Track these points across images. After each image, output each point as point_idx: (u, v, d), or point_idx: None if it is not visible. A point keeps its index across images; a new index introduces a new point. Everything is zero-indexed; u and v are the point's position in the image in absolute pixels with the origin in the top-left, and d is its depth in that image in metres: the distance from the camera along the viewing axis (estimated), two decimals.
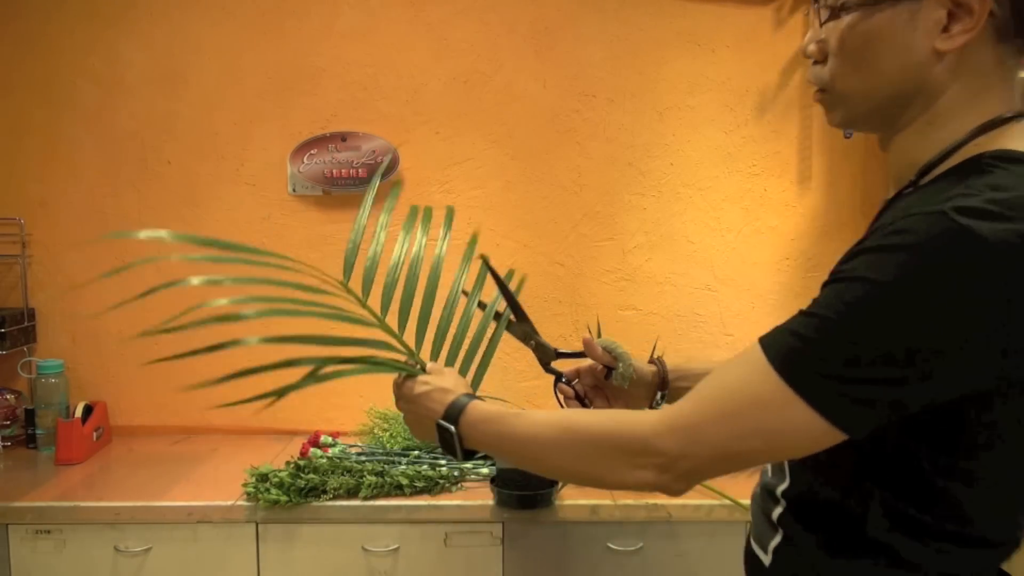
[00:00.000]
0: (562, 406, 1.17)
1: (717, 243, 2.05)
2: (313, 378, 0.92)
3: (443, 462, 1.69)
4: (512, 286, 1.22)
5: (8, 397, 1.93)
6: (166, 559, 1.55)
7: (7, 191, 1.97)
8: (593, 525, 1.58)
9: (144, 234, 1.09)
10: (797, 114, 2.03)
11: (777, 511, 0.82)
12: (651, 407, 1.17)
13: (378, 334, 1.08)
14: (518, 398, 2.00)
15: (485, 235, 2.02)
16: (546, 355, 1.20)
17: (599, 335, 1.17)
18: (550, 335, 1.23)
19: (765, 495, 0.85)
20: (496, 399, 1.06)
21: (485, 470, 1.70)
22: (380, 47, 1.97)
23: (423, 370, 1.05)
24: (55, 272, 1.99)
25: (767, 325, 0.74)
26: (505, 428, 0.90)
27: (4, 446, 1.89)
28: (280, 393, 0.89)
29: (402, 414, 1.06)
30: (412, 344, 1.10)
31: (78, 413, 1.82)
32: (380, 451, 1.76)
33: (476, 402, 0.96)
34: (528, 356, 1.29)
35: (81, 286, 1.18)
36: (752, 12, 2.00)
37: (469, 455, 0.96)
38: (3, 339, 1.84)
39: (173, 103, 1.97)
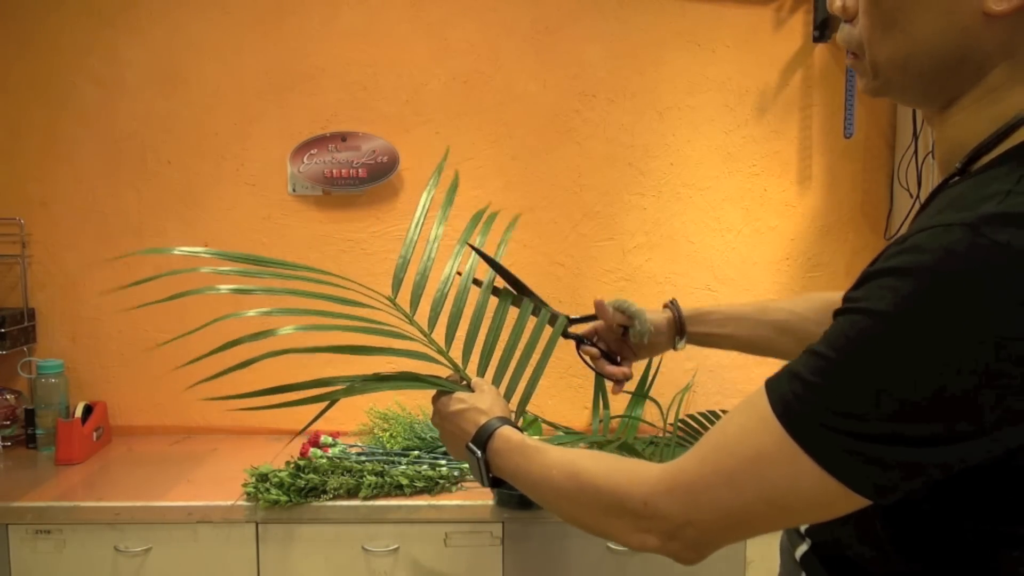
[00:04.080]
0: (591, 367, 1.15)
1: (717, 243, 2.05)
2: (354, 391, 0.92)
3: (443, 462, 1.69)
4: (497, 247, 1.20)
5: (8, 397, 1.93)
6: (166, 559, 1.55)
7: (7, 191, 1.97)
8: None
9: (180, 251, 1.11)
10: (797, 114, 2.03)
11: (801, 549, 0.73)
12: (675, 349, 1.16)
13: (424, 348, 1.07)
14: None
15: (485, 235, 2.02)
16: (559, 323, 1.18)
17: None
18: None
19: (790, 529, 0.76)
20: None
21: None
22: (380, 47, 1.97)
23: (468, 386, 1.01)
24: (55, 272, 1.99)
25: None
26: (524, 463, 0.85)
27: (4, 446, 1.89)
28: (331, 399, 0.89)
29: (437, 431, 1.02)
30: (459, 360, 1.09)
31: (78, 413, 1.82)
32: (380, 451, 1.76)
33: (506, 428, 0.90)
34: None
35: (123, 288, 1.18)
36: (752, 12, 2.00)
37: (496, 484, 0.90)
38: (3, 339, 1.84)
39: (173, 103, 1.97)
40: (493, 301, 1.14)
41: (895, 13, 0.62)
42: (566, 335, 1.17)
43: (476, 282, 1.18)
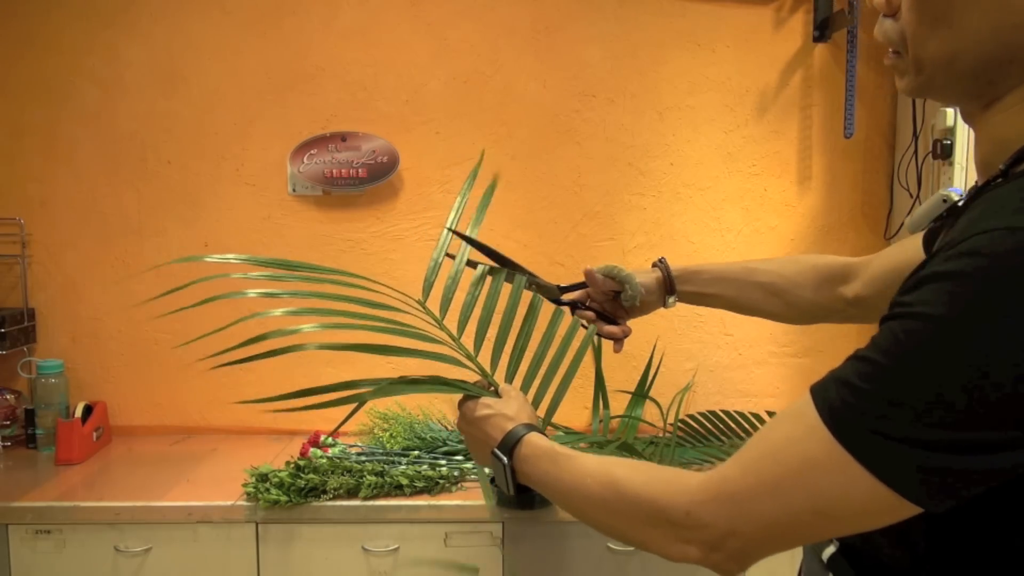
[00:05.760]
0: (585, 327, 1.15)
1: (717, 243, 2.05)
2: (382, 392, 0.92)
3: (443, 462, 1.69)
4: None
5: (8, 397, 1.93)
6: (166, 559, 1.55)
7: (7, 191, 1.97)
8: None
9: (212, 258, 1.11)
10: (797, 114, 2.03)
11: (829, 550, 0.71)
12: (665, 307, 1.17)
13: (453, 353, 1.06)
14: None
15: (485, 235, 2.01)
16: (550, 293, 1.18)
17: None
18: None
19: None
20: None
21: (486, 470, 1.70)
22: (380, 47, 1.97)
23: (496, 392, 1.00)
24: (55, 272, 1.99)
25: (767, 325, 0.73)
26: (554, 471, 0.82)
27: (4, 446, 1.89)
28: (360, 400, 0.89)
29: (463, 436, 1.00)
30: (488, 365, 1.08)
31: (78, 413, 1.82)
32: (380, 451, 1.76)
33: (533, 435, 0.88)
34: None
35: (159, 297, 1.19)
36: (752, 12, 2.00)
37: (522, 491, 0.88)
38: (3, 339, 1.84)
39: (172, 103, 1.97)
40: (523, 307, 1.13)
41: (945, 9, 0.59)
42: (559, 303, 1.18)
43: (471, 263, 1.17)
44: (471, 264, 1.18)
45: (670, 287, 1.15)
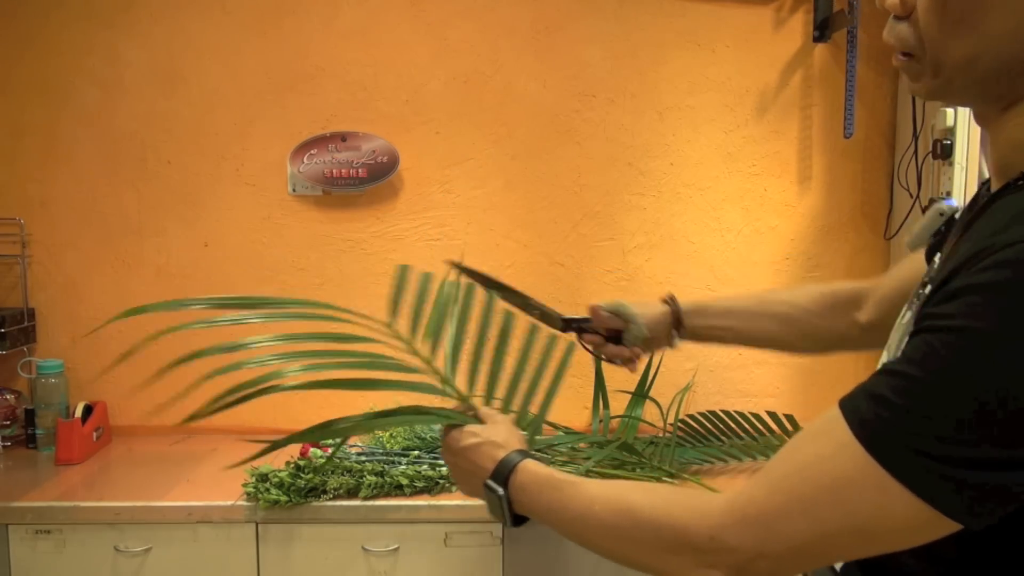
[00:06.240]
0: (592, 352, 1.13)
1: (717, 243, 2.05)
2: (359, 429, 0.89)
3: (443, 462, 1.69)
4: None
5: (8, 397, 1.93)
6: (166, 559, 1.55)
7: (7, 191, 1.97)
8: None
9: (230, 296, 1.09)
10: (797, 114, 2.03)
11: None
12: (671, 347, 1.14)
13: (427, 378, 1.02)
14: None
15: (485, 235, 2.02)
16: (552, 323, 1.16)
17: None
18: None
19: None
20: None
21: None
22: (380, 47, 1.97)
23: (476, 417, 0.95)
24: (55, 272, 1.99)
25: None
26: (557, 498, 0.78)
27: (4, 446, 1.89)
28: (337, 437, 0.86)
29: (448, 467, 0.95)
30: (464, 386, 1.04)
31: (78, 413, 1.82)
32: (380, 451, 1.76)
33: (528, 462, 0.84)
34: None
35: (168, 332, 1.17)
36: (752, 12, 2.00)
37: (519, 521, 0.84)
38: (3, 339, 1.84)
39: (172, 103, 1.97)
40: (496, 320, 1.09)
41: (968, 10, 0.57)
42: (564, 329, 1.16)
43: (487, 282, 1.15)
44: (483, 281, 1.15)
45: (678, 322, 1.12)
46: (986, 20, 0.57)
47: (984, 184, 0.70)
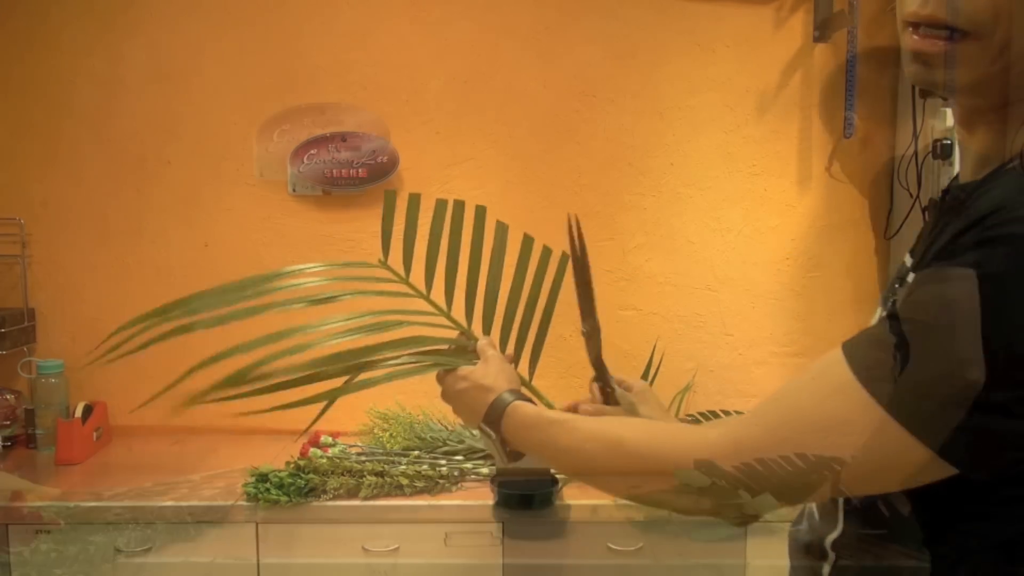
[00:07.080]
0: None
1: (717, 243, 2.05)
2: (360, 384, 0.89)
3: (443, 462, 1.69)
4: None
5: (8, 397, 1.93)
6: (166, 559, 1.55)
7: (7, 191, 1.97)
8: (593, 525, 1.58)
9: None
10: (797, 114, 2.03)
11: (826, 568, 0.69)
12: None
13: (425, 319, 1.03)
14: None
15: (485, 235, 2.01)
16: (590, 350, 1.10)
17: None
18: (549, 335, 1.23)
19: (809, 548, 0.72)
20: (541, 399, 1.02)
21: (485, 470, 1.69)
22: (380, 47, 1.97)
23: (474, 348, 0.98)
24: (55, 272, 1.99)
25: (767, 325, 0.72)
26: (547, 437, 0.81)
27: (4, 446, 1.88)
28: (331, 398, 0.87)
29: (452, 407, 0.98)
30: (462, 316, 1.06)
31: (78, 413, 1.82)
32: (380, 451, 1.76)
33: (518, 404, 0.86)
34: None
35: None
36: (752, 12, 2.00)
37: (517, 457, 0.88)
38: (3, 339, 1.83)
39: (173, 103, 1.97)
40: (487, 251, 1.12)
41: (996, 29, 0.56)
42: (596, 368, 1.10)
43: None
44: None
45: None
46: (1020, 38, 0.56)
47: (952, 180, 0.70)
